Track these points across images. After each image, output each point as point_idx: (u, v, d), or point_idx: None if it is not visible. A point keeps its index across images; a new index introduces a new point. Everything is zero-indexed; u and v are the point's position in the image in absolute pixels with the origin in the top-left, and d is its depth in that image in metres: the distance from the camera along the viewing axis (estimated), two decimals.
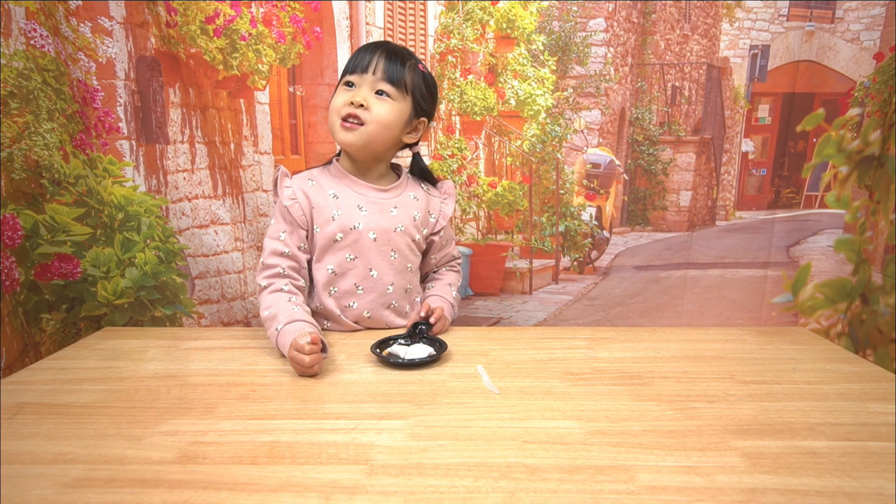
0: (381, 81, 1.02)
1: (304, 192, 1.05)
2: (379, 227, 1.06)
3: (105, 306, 1.42)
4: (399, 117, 1.04)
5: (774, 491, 0.57)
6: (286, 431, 0.69)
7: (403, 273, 1.10)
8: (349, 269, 1.06)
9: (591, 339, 1.04)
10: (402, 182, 1.12)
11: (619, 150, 1.76)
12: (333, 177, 1.09)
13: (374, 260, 1.06)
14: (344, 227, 1.04)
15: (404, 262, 1.09)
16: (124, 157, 1.43)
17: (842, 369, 0.90)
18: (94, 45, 1.36)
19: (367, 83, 1.02)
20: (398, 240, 1.07)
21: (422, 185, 1.15)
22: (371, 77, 1.02)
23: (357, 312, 1.08)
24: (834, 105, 1.60)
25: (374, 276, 1.07)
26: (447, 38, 1.64)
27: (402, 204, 1.09)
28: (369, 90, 1.02)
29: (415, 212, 1.09)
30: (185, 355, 0.97)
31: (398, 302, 1.10)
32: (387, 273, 1.07)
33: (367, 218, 1.05)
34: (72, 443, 0.67)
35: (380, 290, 1.07)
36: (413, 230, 1.09)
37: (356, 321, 1.08)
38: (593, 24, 1.65)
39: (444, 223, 1.14)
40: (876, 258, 1.60)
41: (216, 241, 1.57)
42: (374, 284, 1.07)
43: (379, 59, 1.02)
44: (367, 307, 1.08)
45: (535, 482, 0.59)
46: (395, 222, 1.07)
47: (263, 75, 1.54)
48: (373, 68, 1.01)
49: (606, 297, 1.78)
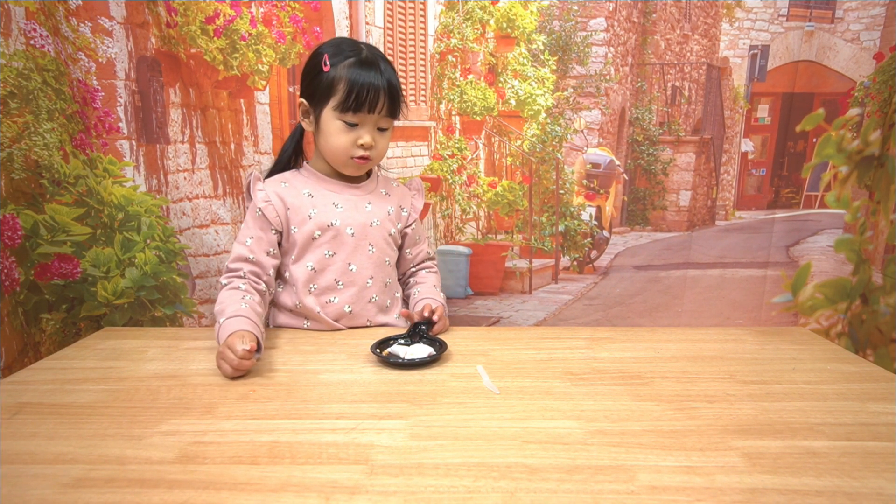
0: (383, 119, 1.03)
1: (277, 195, 1.06)
2: (355, 222, 1.08)
3: (105, 306, 1.42)
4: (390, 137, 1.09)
5: (774, 491, 0.57)
6: (286, 431, 0.69)
7: (382, 266, 1.12)
8: (328, 264, 1.07)
9: (591, 339, 1.04)
10: (372, 179, 1.14)
11: (619, 150, 1.76)
12: (306, 178, 1.10)
13: (353, 255, 1.08)
14: (321, 225, 1.06)
15: (382, 255, 1.11)
16: (124, 157, 1.43)
17: (842, 369, 0.90)
18: (94, 45, 1.36)
19: (370, 122, 1.03)
20: (375, 234, 1.10)
21: (391, 181, 1.18)
22: (374, 117, 1.02)
23: (338, 308, 1.08)
24: (834, 105, 1.61)
25: (353, 270, 1.08)
26: (447, 38, 1.64)
27: (375, 199, 1.11)
28: (373, 128, 1.03)
29: (388, 206, 1.12)
30: (185, 355, 0.97)
31: (379, 296, 1.11)
32: (365, 267, 1.09)
33: (344, 214, 1.07)
34: (72, 443, 0.67)
35: (360, 284, 1.09)
36: (388, 224, 1.12)
37: (337, 318, 1.09)
38: (594, 23, 1.65)
39: (415, 216, 1.17)
40: (876, 258, 1.60)
41: (217, 241, 1.57)
42: (354, 278, 1.09)
43: (383, 100, 1.01)
44: (348, 301, 1.09)
45: (535, 482, 0.59)
46: (371, 217, 1.09)
47: (263, 75, 1.54)
48: (379, 108, 1.01)
49: (606, 296, 1.78)
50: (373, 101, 1.00)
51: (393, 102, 1.02)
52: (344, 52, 1.02)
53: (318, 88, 1.02)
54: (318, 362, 0.93)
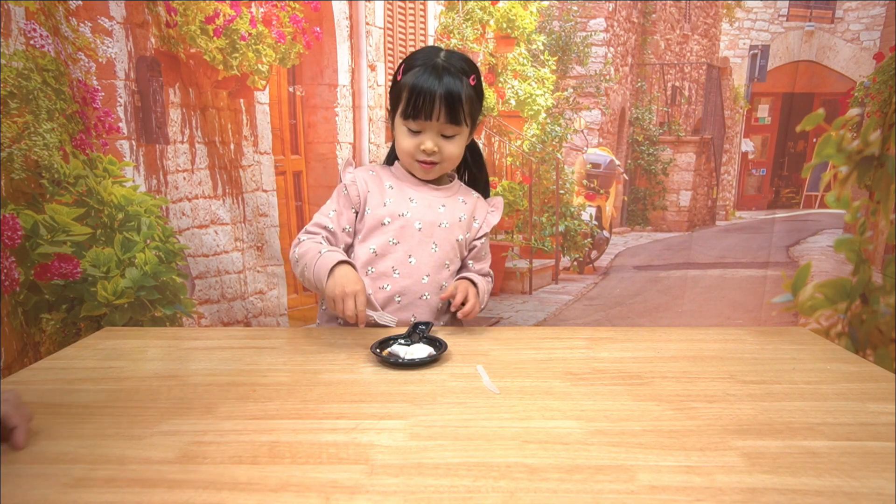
0: (446, 126, 1.07)
1: (363, 179, 1.14)
2: (425, 218, 1.12)
3: (105, 306, 1.42)
4: (464, 143, 1.13)
5: (774, 491, 0.57)
6: (286, 431, 0.69)
7: (441, 268, 1.13)
8: (390, 251, 1.11)
9: (591, 339, 1.04)
10: (454, 185, 1.19)
11: (619, 150, 1.76)
12: (392, 173, 1.17)
13: (415, 248, 1.11)
14: (393, 213, 1.11)
15: (444, 257, 1.13)
16: (124, 157, 1.43)
17: (842, 369, 0.90)
18: (94, 45, 1.36)
19: (432, 129, 1.07)
20: (441, 234, 1.13)
21: (473, 193, 1.21)
22: (435, 124, 1.06)
23: (389, 295, 1.10)
24: (834, 105, 1.61)
25: (412, 262, 1.11)
26: (447, 38, 1.64)
27: (450, 204, 1.15)
28: (435, 134, 1.08)
29: (461, 213, 1.15)
30: (185, 355, 0.97)
31: (431, 295, 1.13)
32: (425, 263, 1.12)
33: (416, 209, 1.12)
34: (72, 443, 0.67)
35: (415, 278, 1.11)
36: (457, 230, 1.14)
37: (384, 305, 1.11)
38: (593, 23, 1.65)
39: (486, 230, 1.20)
40: (876, 258, 1.60)
41: (216, 241, 1.57)
42: (411, 271, 1.11)
43: (441, 104, 1.04)
44: (399, 291, 1.11)
45: (535, 482, 0.59)
46: (442, 218, 1.13)
47: (263, 75, 1.54)
48: (436, 116, 1.05)
49: (606, 296, 1.78)
50: (428, 109, 1.04)
51: (452, 110, 1.05)
52: (417, 60, 1.08)
53: (392, 96, 1.11)
54: (318, 362, 0.93)
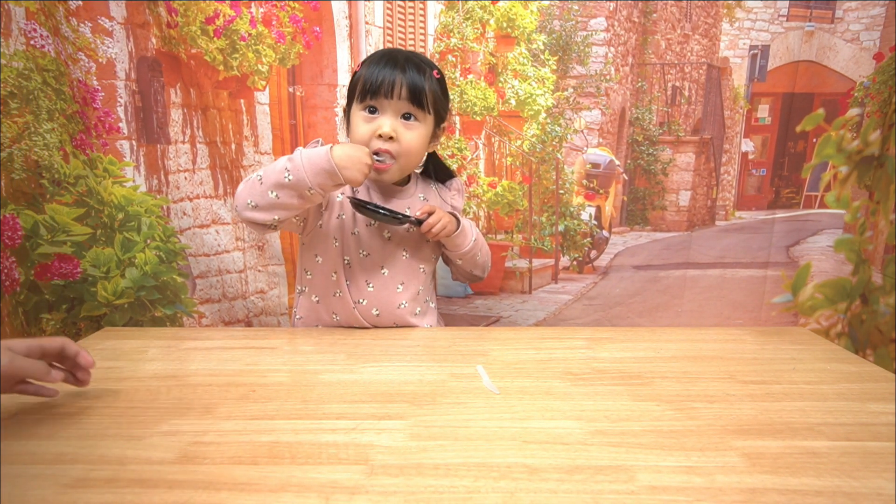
0: (406, 104, 0.99)
1: None
2: (392, 227, 1.08)
3: (105, 306, 1.42)
4: (426, 137, 1.04)
5: (774, 491, 0.57)
6: (286, 431, 0.69)
7: (415, 274, 1.12)
8: (362, 264, 1.08)
9: (591, 339, 1.04)
10: (411, 185, 1.14)
11: (619, 150, 1.76)
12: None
13: (386, 259, 1.09)
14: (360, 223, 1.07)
15: (416, 263, 1.11)
16: (125, 158, 1.43)
17: (842, 369, 0.90)
18: (94, 46, 1.36)
19: (391, 108, 0.99)
20: (410, 240, 1.10)
21: (432, 185, 1.17)
22: (395, 101, 0.98)
23: (365, 309, 1.09)
24: (834, 105, 1.60)
25: (384, 274, 1.09)
26: (447, 38, 1.64)
27: (414, 205, 1.11)
28: (394, 115, 1.00)
29: None
30: (185, 355, 0.97)
31: (409, 303, 1.11)
32: (397, 272, 1.09)
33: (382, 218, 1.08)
34: (72, 443, 0.67)
35: (390, 289, 1.09)
36: None
37: (364, 318, 1.09)
38: (594, 23, 1.65)
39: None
40: (876, 258, 1.60)
41: (217, 241, 1.57)
42: (385, 282, 1.09)
43: (402, 81, 0.97)
44: (376, 305, 1.09)
45: (535, 482, 0.59)
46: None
47: (263, 76, 1.54)
48: (397, 91, 0.98)
49: (606, 296, 1.78)
50: (388, 86, 0.97)
51: (414, 89, 0.98)
52: (376, 55, 1.02)
53: (349, 89, 1.04)
54: (318, 362, 0.93)
